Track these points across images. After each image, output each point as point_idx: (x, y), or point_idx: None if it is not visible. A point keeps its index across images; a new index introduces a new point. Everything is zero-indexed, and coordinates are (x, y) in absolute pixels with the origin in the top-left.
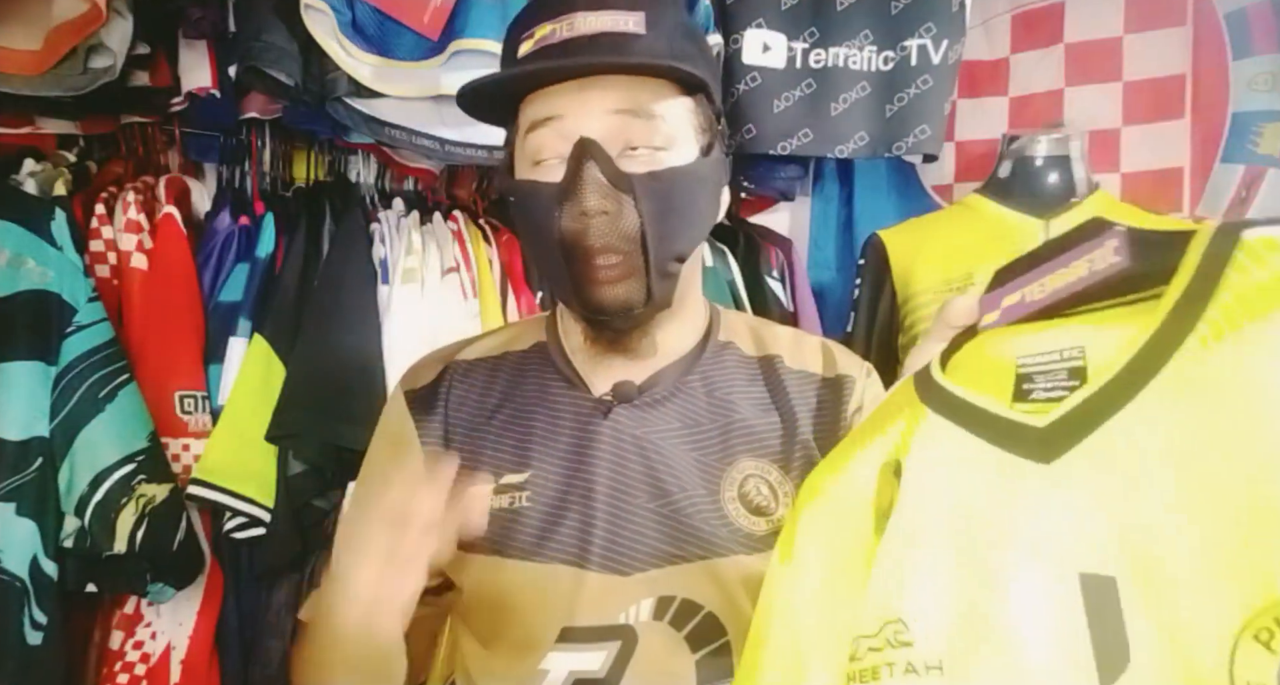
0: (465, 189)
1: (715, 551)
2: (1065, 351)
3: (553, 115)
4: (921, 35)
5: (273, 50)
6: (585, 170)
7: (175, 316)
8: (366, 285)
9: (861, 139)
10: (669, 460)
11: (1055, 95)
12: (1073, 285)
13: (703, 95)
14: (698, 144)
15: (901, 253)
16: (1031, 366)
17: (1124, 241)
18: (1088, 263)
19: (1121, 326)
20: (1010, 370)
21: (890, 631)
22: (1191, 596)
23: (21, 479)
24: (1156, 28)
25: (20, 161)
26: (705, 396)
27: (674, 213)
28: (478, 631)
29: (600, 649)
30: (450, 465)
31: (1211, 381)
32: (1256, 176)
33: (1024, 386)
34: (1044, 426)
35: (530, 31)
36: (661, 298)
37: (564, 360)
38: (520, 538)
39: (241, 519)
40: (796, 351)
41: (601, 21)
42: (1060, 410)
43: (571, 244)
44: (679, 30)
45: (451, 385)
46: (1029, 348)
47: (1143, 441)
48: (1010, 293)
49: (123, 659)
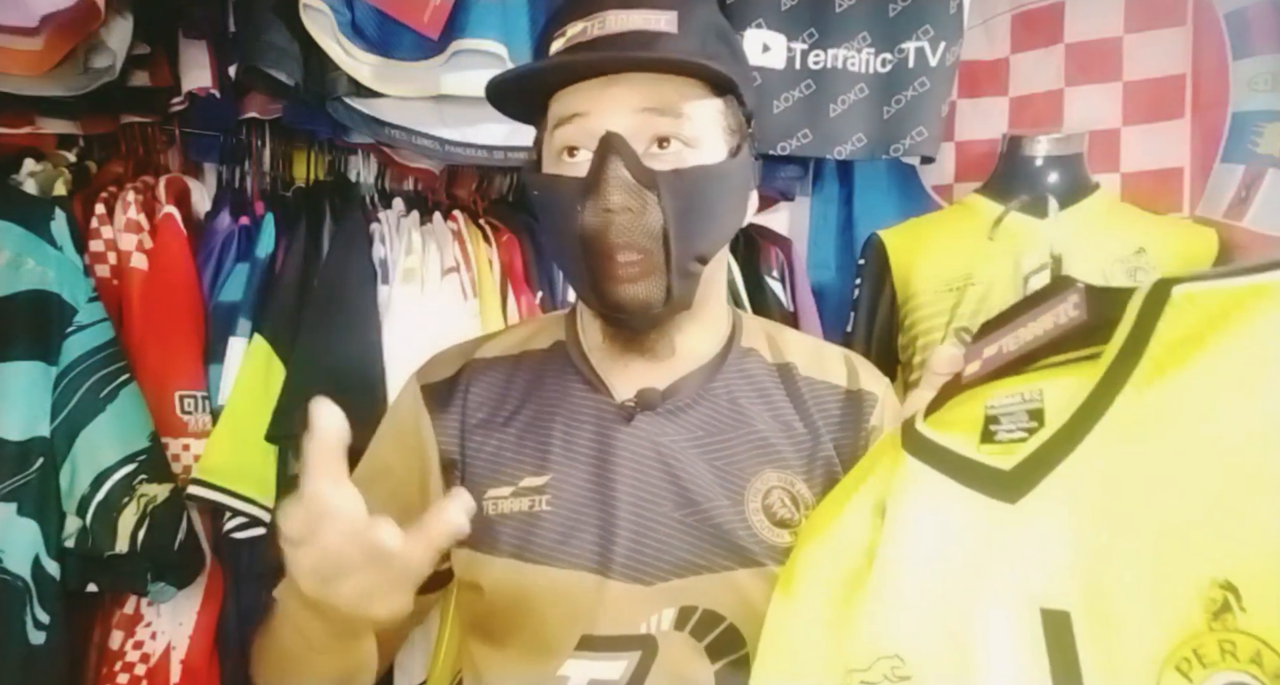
0: (465, 189)
1: (739, 563)
2: (1026, 395)
3: (578, 112)
4: (919, 37)
5: (273, 50)
6: (610, 166)
7: (175, 316)
8: (366, 285)
9: (859, 140)
10: (692, 470)
11: (1055, 95)
12: (1040, 338)
13: (733, 97)
14: (726, 145)
15: (901, 253)
16: (997, 409)
17: (1082, 297)
18: (1053, 317)
19: (1075, 376)
20: (980, 415)
21: (886, 666)
22: (1129, 628)
23: (23, 479)
24: (1156, 28)
25: (20, 161)
26: (729, 405)
27: (698, 212)
28: (494, 634)
29: (621, 658)
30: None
31: (1145, 424)
32: (1256, 176)
33: (990, 428)
34: (1009, 469)
35: (563, 29)
36: (681, 298)
37: (584, 361)
38: (541, 542)
39: (241, 519)
40: (815, 360)
41: (633, 20)
42: (1022, 453)
43: (592, 240)
44: (712, 30)
45: (470, 383)
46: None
47: (1091, 480)
48: (989, 344)
49: (123, 659)
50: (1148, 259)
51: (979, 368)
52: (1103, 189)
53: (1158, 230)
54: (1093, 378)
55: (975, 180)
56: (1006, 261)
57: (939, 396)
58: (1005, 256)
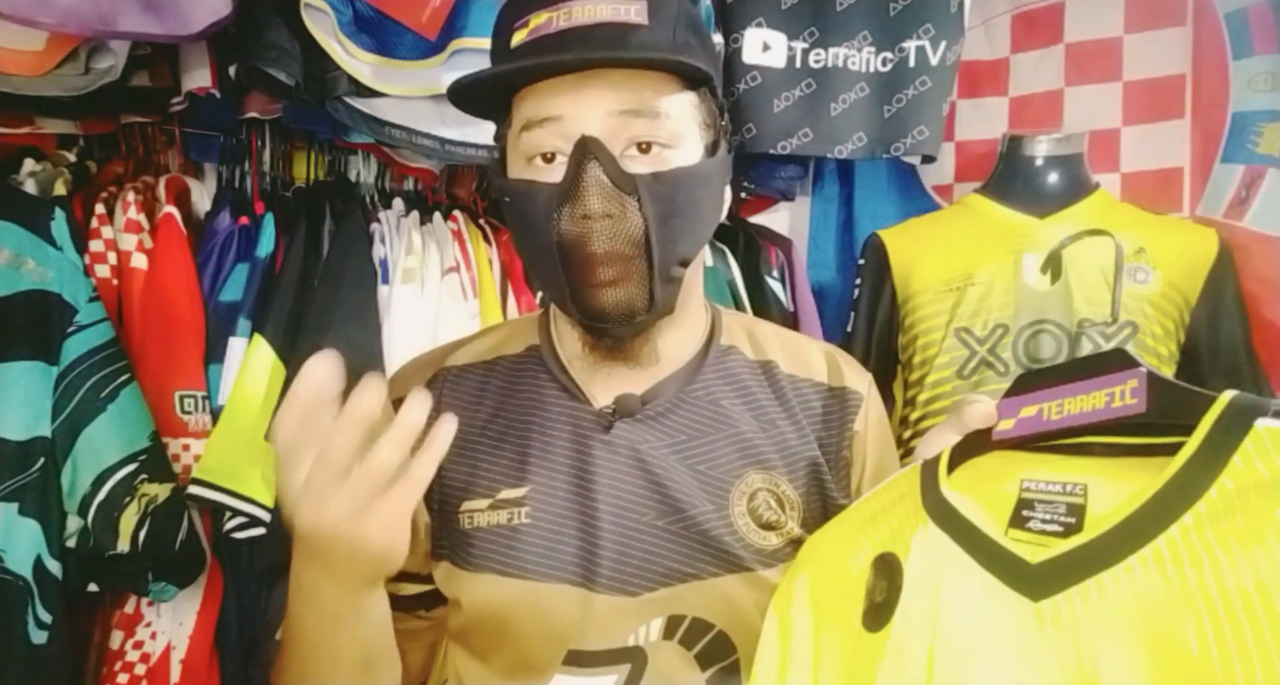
0: (465, 189)
1: (726, 569)
2: (1069, 486)
3: (551, 115)
4: (920, 37)
5: (273, 50)
6: (587, 171)
7: (175, 316)
8: (366, 285)
9: (860, 139)
10: (675, 476)
11: (1055, 95)
12: (1088, 415)
13: (705, 89)
14: (702, 141)
15: (901, 253)
16: (1034, 494)
17: (1143, 384)
18: (1106, 397)
19: (1127, 478)
20: (1013, 494)
21: None
22: None
23: (24, 479)
24: (1156, 28)
25: (20, 161)
26: (710, 407)
27: (679, 215)
28: (478, 650)
29: (611, 672)
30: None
31: (1201, 565)
32: (1256, 176)
33: (1023, 513)
34: (1036, 563)
35: (524, 19)
36: (664, 303)
37: (560, 367)
38: (522, 556)
39: (241, 519)
40: (796, 356)
41: (600, 10)
42: (1053, 552)
43: (571, 248)
44: (682, 20)
45: (443, 394)
46: (1035, 474)
47: (1125, 604)
48: (1029, 404)
49: (123, 659)
50: (1148, 259)
51: (1012, 428)
52: (1102, 189)
53: (1158, 230)
54: (1147, 490)
55: (975, 180)
56: (1006, 261)
57: (962, 447)
58: (1005, 256)
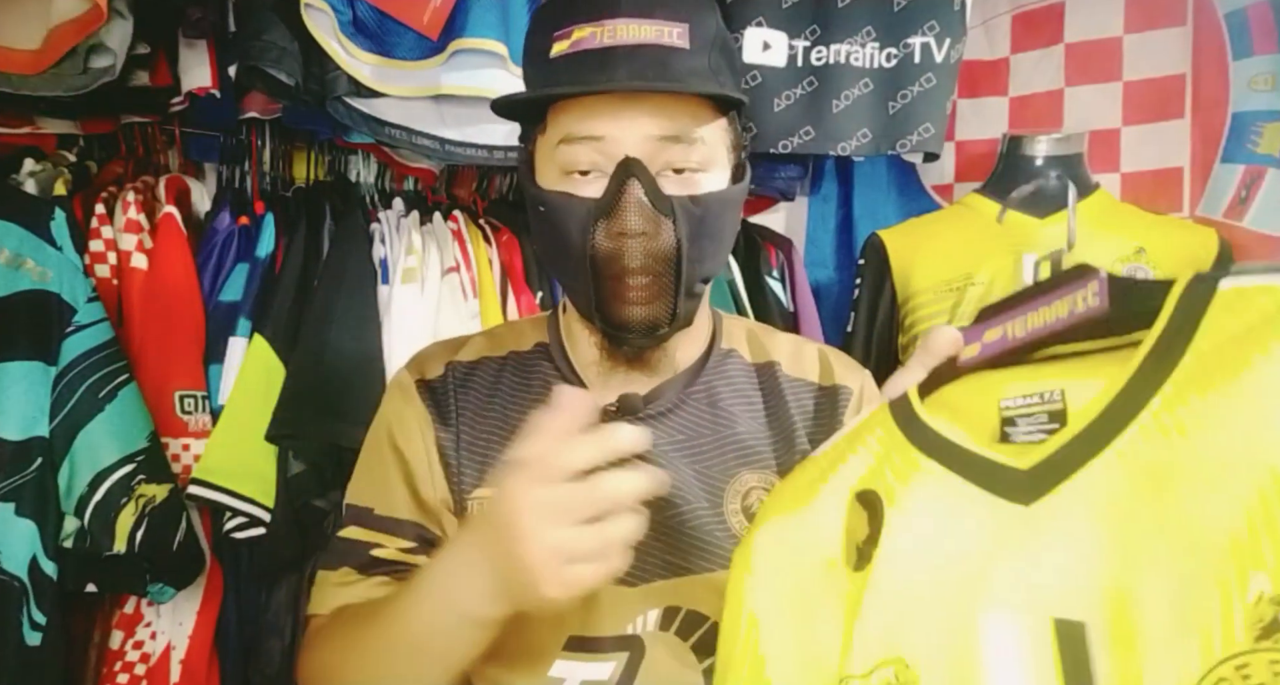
0: (465, 189)
1: (720, 564)
2: (1046, 394)
3: (593, 135)
4: (924, 33)
5: (273, 50)
6: (628, 190)
7: (175, 316)
8: (366, 285)
9: (864, 136)
10: (675, 473)
11: (1055, 95)
12: (1053, 325)
13: (734, 113)
14: (730, 164)
15: (901, 253)
16: (1014, 410)
17: (1104, 286)
18: (1069, 304)
19: (1100, 373)
20: (993, 413)
21: (891, 672)
22: (1156, 644)
23: (21, 479)
24: (1156, 28)
25: (20, 161)
26: (709, 408)
27: (707, 236)
28: None
29: (610, 659)
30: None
31: (1188, 427)
32: (1256, 176)
33: (1006, 430)
34: (1026, 469)
35: (565, 29)
36: (685, 318)
37: (567, 366)
38: None
39: (241, 519)
40: (795, 359)
41: (644, 32)
42: (1041, 453)
43: (605, 262)
44: (717, 43)
45: (456, 386)
46: (1011, 391)
47: (1117, 488)
48: (993, 327)
49: (123, 659)
50: (1147, 259)
51: (978, 352)
52: (1102, 189)
53: (1157, 230)
54: (1123, 374)
55: (975, 180)
56: (1006, 261)
57: (931, 379)
58: (1005, 256)
